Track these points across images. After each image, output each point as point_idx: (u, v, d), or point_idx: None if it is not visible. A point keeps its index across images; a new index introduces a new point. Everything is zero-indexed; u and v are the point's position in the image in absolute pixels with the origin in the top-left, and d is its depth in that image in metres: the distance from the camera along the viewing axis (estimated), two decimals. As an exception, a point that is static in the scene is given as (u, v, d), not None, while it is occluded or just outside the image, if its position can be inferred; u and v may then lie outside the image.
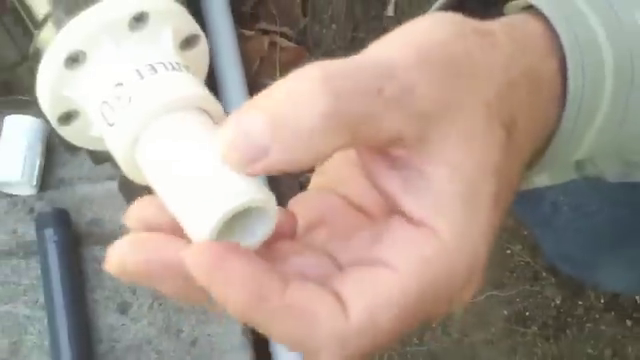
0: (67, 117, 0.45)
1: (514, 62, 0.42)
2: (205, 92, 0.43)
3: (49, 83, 0.44)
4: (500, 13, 0.47)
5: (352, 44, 1.41)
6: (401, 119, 0.38)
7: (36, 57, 0.45)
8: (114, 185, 1.14)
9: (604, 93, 0.45)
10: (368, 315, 0.37)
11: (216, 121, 0.42)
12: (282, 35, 1.41)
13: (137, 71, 0.42)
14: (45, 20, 0.46)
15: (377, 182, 0.40)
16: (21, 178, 1.14)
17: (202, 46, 0.47)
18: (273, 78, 1.35)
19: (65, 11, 0.44)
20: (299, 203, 0.45)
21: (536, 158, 0.46)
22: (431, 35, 0.40)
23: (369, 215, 0.43)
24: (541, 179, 0.52)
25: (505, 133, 0.41)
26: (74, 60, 0.43)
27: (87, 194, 1.18)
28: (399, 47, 0.39)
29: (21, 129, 1.16)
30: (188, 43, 0.46)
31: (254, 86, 1.32)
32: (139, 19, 0.44)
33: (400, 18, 1.41)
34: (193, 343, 1.12)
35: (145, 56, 0.43)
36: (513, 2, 0.47)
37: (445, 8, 0.49)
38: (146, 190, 0.43)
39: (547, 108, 0.44)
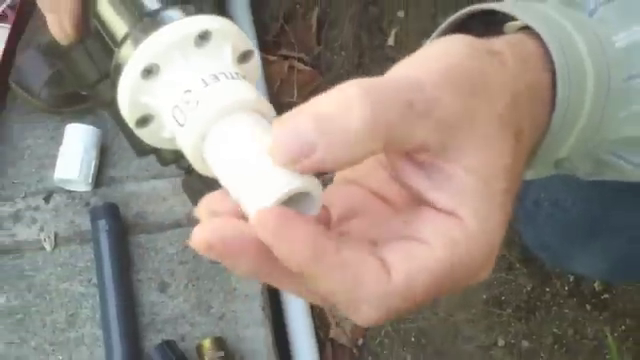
0: (143, 121, 0.46)
1: (520, 77, 0.43)
2: (259, 96, 0.43)
3: (128, 91, 0.44)
4: (498, 31, 0.47)
5: (358, 69, 1.41)
6: (428, 129, 0.39)
7: (117, 71, 0.45)
8: (156, 183, 1.18)
9: (585, 103, 0.46)
10: (407, 278, 0.38)
11: (269, 120, 0.42)
12: (299, 60, 1.41)
13: (202, 80, 0.43)
14: (124, 39, 0.46)
15: (404, 179, 0.41)
16: (78, 177, 1.15)
17: (255, 60, 0.47)
18: (291, 96, 1.38)
19: (142, 31, 0.45)
20: (329, 196, 0.44)
21: (529, 157, 0.47)
22: (450, 56, 0.40)
23: (393, 205, 0.44)
24: (526, 174, 0.50)
25: (514, 139, 0.41)
26: (149, 72, 0.44)
27: (134, 191, 1.19)
28: (424, 67, 0.40)
29: (79, 135, 1.16)
30: (244, 57, 0.46)
31: (275, 103, 1.27)
32: (203, 37, 0.44)
33: (399, 47, 1.42)
34: (221, 317, 1.12)
35: (209, 67, 0.44)
36: (511, 23, 0.47)
37: (448, 30, 0.50)
38: (206, 189, 0.43)
39: (542, 114, 0.45)
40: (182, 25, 0.44)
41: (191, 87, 0.43)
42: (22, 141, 1.21)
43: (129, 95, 0.45)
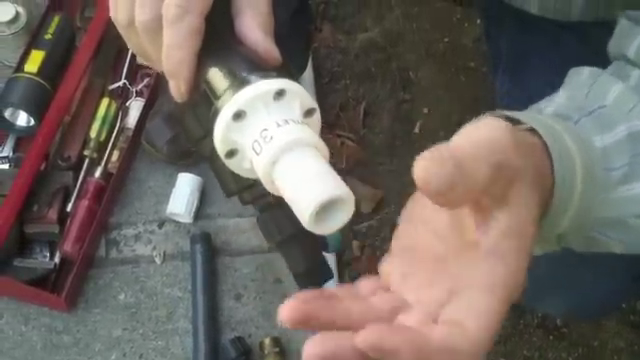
0: (231, 153, 0.46)
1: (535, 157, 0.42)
2: (318, 138, 0.43)
3: (222, 129, 0.44)
4: None
5: (391, 148, 1.40)
6: (504, 184, 0.37)
7: (215, 115, 0.45)
8: (239, 220, 1.18)
9: (575, 190, 0.44)
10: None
11: (324, 157, 0.43)
12: (348, 138, 1.40)
13: (276, 122, 0.43)
14: (223, 93, 0.46)
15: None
16: (184, 212, 1.15)
17: (317, 115, 0.47)
18: (341, 164, 1.38)
19: (236, 87, 0.45)
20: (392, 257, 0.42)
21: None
22: (500, 130, 0.38)
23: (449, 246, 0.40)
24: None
25: (539, 199, 0.39)
26: (239, 116, 0.44)
27: (222, 225, 1.18)
28: (493, 134, 0.37)
29: (187, 181, 1.16)
30: (308, 113, 0.46)
31: None
32: (280, 94, 0.44)
33: (423, 134, 1.41)
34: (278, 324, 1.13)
35: (282, 115, 0.44)
36: (520, 126, 0.45)
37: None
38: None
39: (546, 190, 0.43)
40: (266, 84, 0.44)
41: (268, 127, 0.43)
42: (146, 182, 1.22)
43: (222, 132, 0.45)
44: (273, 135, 0.42)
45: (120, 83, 1.24)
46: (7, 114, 1.18)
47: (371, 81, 1.48)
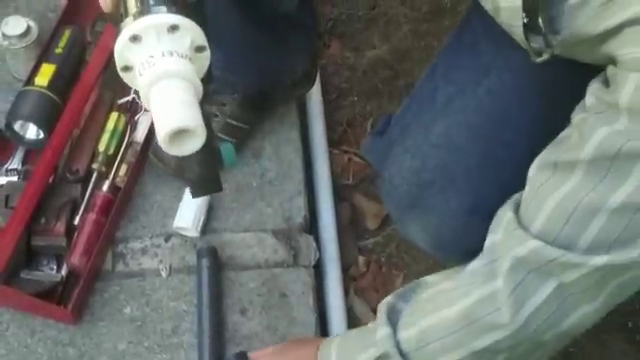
0: (126, 68, 0.53)
1: None
2: (192, 72, 0.50)
3: (119, 47, 0.52)
4: None
5: None
6: None
7: (117, 33, 0.53)
8: (245, 235, 1.19)
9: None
10: None
11: (195, 87, 0.50)
12: (355, 154, 1.40)
13: (162, 52, 0.50)
14: (131, 15, 0.53)
15: None
16: (191, 226, 1.15)
17: (207, 53, 0.54)
18: (348, 180, 1.38)
19: (139, 14, 0.52)
20: None
21: None
22: None
23: None
24: None
25: None
26: (135, 39, 0.51)
27: (229, 239, 1.18)
28: None
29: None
30: (199, 49, 0.53)
31: (336, 184, 1.34)
32: (174, 28, 0.51)
33: None
34: (282, 338, 1.10)
35: (170, 46, 0.51)
36: None
37: None
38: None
39: None
40: (163, 17, 0.51)
41: (154, 54, 0.50)
42: (153, 196, 1.22)
43: (119, 50, 0.52)
44: (156, 62, 0.50)
45: (129, 97, 1.25)
46: (17, 127, 1.19)
47: (378, 98, 1.48)
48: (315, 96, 1.40)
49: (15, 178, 1.18)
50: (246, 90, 1.19)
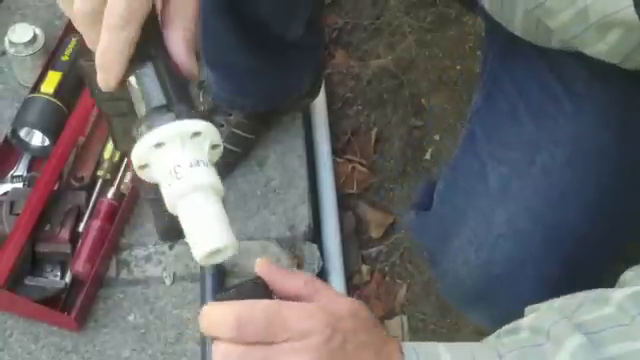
0: (144, 166, 0.50)
1: None
2: (218, 181, 0.49)
3: (141, 151, 0.49)
4: None
5: (403, 174, 1.40)
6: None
7: (138, 135, 0.49)
8: (247, 243, 1.18)
9: None
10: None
11: (220, 197, 0.49)
12: (359, 164, 1.40)
13: (189, 162, 0.48)
14: (150, 112, 0.49)
15: None
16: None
17: (220, 149, 0.51)
18: (352, 189, 1.38)
19: (160, 113, 0.49)
20: None
21: None
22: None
23: None
24: None
25: None
26: (159, 145, 0.48)
27: None
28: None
29: None
30: (214, 147, 0.50)
31: (340, 193, 1.34)
32: (197, 134, 0.49)
33: (434, 161, 1.41)
34: None
35: (195, 154, 0.48)
36: None
37: None
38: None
39: None
40: (188, 124, 0.49)
41: (181, 164, 0.48)
42: (157, 204, 1.22)
43: (141, 153, 0.49)
44: (184, 175, 0.48)
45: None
46: (23, 134, 1.20)
47: (383, 107, 1.48)
48: (320, 105, 1.41)
49: (20, 185, 1.18)
50: (254, 109, 1.20)
